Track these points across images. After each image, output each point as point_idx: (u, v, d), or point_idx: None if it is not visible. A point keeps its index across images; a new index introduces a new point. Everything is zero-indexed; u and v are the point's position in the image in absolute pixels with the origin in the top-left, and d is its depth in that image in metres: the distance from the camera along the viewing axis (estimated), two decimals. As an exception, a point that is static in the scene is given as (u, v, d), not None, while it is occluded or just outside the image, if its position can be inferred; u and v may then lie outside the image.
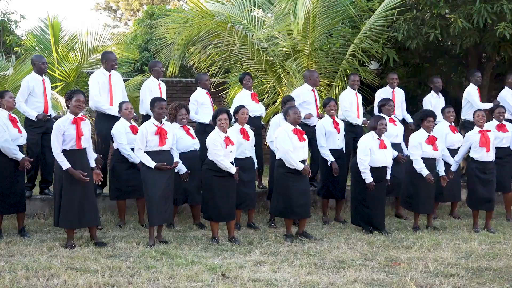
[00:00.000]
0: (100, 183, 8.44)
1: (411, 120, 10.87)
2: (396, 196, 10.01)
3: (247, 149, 8.73)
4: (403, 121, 10.88)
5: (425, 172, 8.84)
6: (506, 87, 11.22)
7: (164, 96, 9.75)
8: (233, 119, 8.68)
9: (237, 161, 8.32)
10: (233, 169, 8.02)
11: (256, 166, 9.21)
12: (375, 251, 7.74)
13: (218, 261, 7.14)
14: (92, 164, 7.89)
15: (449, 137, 9.63)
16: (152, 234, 7.93)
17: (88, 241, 7.91)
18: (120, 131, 8.82)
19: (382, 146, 8.79)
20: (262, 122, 10.55)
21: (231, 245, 7.91)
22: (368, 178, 8.70)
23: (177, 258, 7.17)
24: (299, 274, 6.62)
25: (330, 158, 9.44)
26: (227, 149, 8.01)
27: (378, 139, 8.81)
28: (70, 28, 13.07)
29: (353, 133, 10.11)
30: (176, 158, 8.17)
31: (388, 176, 8.95)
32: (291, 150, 8.21)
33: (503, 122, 9.84)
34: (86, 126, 7.77)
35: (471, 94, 11.02)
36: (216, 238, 8.12)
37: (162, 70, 10.07)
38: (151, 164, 7.79)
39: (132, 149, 8.64)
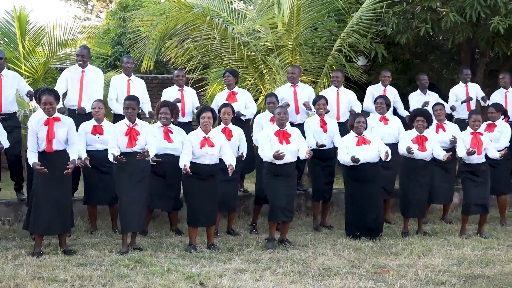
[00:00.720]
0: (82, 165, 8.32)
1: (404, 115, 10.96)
2: (383, 199, 10.06)
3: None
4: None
5: (406, 148, 8.97)
6: (501, 87, 11.27)
7: (137, 93, 9.66)
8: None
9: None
10: (181, 163, 7.96)
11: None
12: (363, 258, 7.77)
13: (196, 269, 7.12)
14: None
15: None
16: (125, 241, 7.90)
17: (56, 248, 7.85)
18: (80, 133, 8.74)
19: (360, 142, 8.87)
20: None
21: (209, 253, 7.90)
22: (347, 160, 8.78)
23: (152, 266, 7.14)
24: (282, 283, 6.62)
25: (312, 145, 9.37)
26: (202, 150, 8.00)
27: (356, 136, 8.90)
28: (38, 21, 12.99)
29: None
30: (150, 152, 7.96)
31: (389, 157, 8.88)
32: (264, 150, 8.39)
33: (495, 122, 9.93)
34: (63, 127, 7.65)
35: (451, 91, 11.21)
36: (193, 245, 8.10)
37: (129, 66, 9.98)
38: (110, 156, 7.79)
39: (94, 150, 8.74)
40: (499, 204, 10.31)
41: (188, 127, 9.60)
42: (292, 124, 9.90)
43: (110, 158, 7.75)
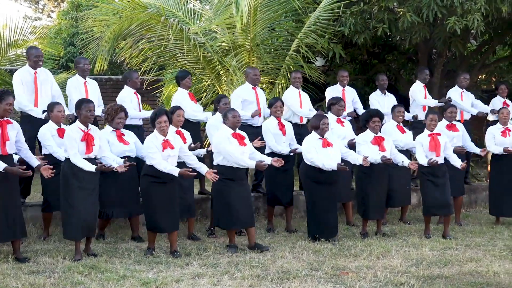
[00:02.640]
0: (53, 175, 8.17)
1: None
2: (344, 202, 10.17)
3: None
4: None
5: (360, 159, 8.98)
6: (456, 85, 11.56)
7: (94, 96, 9.61)
8: None
9: None
10: (175, 171, 7.90)
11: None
12: (322, 260, 7.83)
13: (152, 275, 7.09)
14: (34, 164, 7.74)
15: (395, 138, 9.80)
16: (78, 247, 7.81)
17: (7, 256, 7.72)
18: (46, 134, 8.63)
19: (325, 144, 8.92)
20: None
21: (166, 257, 7.86)
22: (333, 165, 8.73)
23: (107, 272, 7.09)
24: (240, 287, 6.65)
25: (285, 151, 9.48)
26: (165, 152, 7.97)
27: (320, 138, 8.94)
28: (-14, 20, 12.72)
29: (297, 134, 10.19)
30: (114, 163, 8.00)
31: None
32: (233, 151, 8.25)
33: (453, 122, 10.16)
34: (13, 130, 7.60)
35: (415, 91, 11.35)
36: (151, 249, 8.07)
37: (87, 67, 9.91)
38: (91, 168, 7.66)
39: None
40: (455, 204, 10.47)
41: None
42: (252, 127, 10.01)
43: (92, 169, 7.65)
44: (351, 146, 9.67)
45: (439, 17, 11.38)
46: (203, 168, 8.23)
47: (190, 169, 8.04)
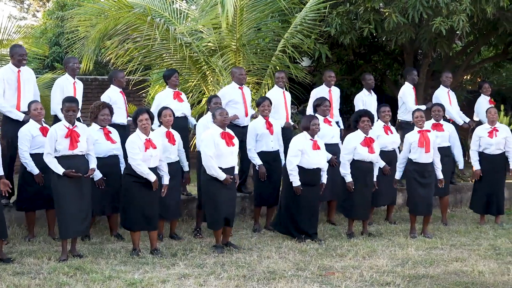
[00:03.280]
0: (7, 194, 8.20)
1: (342, 127, 11.12)
2: (328, 200, 10.18)
3: (173, 154, 8.72)
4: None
5: (348, 178, 9.12)
6: (441, 85, 11.62)
7: (80, 96, 9.60)
8: (156, 122, 8.68)
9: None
10: (151, 177, 7.94)
11: (187, 170, 9.25)
12: (308, 260, 7.85)
13: (138, 275, 7.07)
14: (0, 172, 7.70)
15: (382, 139, 9.80)
16: (64, 247, 7.79)
17: (-9, 257, 7.69)
18: (26, 135, 8.59)
19: (316, 147, 8.91)
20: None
21: (152, 258, 7.85)
22: (296, 181, 8.81)
23: (92, 273, 7.06)
24: (226, 287, 6.64)
25: (258, 162, 9.50)
26: (147, 152, 7.95)
27: (311, 139, 8.93)
28: (-30, 20, 12.64)
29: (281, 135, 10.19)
30: (93, 165, 8.04)
31: (324, 180, 9.12)
32: (211, 156, 8.23)
33: (441, 121, 10.20)
34: None
35: (405, 94, 11.33)
36: (136, 250, 8.04)
37: (77, 66, 9.89)
38: (59, 170, 7.66)
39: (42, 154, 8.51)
40: (441, 204, 10.56)
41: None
42: (240, 127, 10.00)
43: (59, 172, 7.65)
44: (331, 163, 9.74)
45: (425, 17, 11.42)
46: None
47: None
